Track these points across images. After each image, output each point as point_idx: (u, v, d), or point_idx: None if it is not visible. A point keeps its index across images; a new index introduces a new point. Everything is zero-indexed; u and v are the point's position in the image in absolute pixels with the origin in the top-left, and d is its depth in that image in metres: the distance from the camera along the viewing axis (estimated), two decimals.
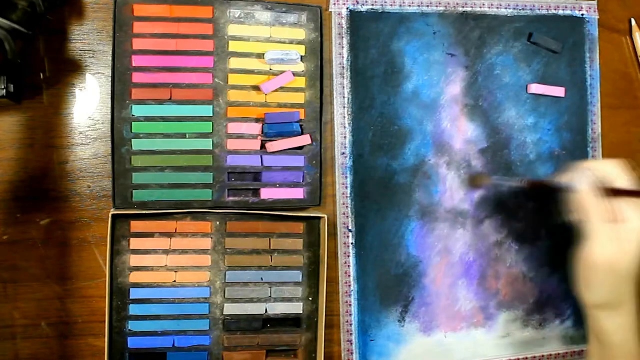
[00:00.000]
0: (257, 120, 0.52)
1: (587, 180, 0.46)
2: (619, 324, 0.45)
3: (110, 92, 0.49)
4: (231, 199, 0.51)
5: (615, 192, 0.45)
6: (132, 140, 0.50)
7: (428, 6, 0.56)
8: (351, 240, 0.54)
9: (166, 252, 0.51)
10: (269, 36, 0.52)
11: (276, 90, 0.52)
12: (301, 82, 0.53)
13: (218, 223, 0.51)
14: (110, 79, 0.49)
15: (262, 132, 0.52)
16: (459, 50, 0.57)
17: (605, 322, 0.46)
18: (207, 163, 0.51)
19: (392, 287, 0.55)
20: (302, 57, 0.53)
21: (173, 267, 0.51)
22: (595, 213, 0.45)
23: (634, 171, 0.62)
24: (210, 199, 0.51)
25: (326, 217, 0.51)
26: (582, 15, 0.60)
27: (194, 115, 0.51)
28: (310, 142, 0.52)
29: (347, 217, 0.54)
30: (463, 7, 0.57)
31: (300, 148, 0.52)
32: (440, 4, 0.56)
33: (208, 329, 0.51)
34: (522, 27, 0.58)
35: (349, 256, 0.54)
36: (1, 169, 0.49)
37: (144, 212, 0.49)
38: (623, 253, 0.44)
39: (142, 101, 0.50)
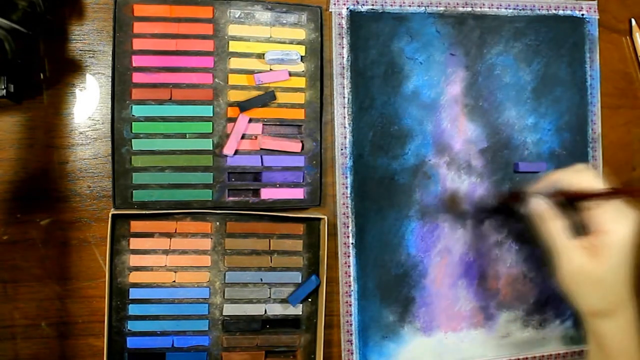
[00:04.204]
0: (257, 120, 0.52)
1: (542, 197, 0.44)
2: (616, 328, 0.44)
3: (110, 92, 0.49)
4: (231, 199, 0.51)
5: (578, 198, 0.42)
6: (132, 140, 0.50)
7: (428, 6, 0.56)
8: (351, 240, 0.54)
9: (166, 252, 0.51)
10: (269, 36, 0.52)
11: (276, 90, 0.52)
12: (301, 82, 0.53)
13: (218, 223, 0.51)
14: (110, 79, 0.49)
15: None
16: (459, 50, 0.57)
17: (601, 328, 0.44)
18: (207, 163, 0.51)
19: (392, 287, 0.55)
20: (302, 57, 0.53)
21: (172, 267, 0.51)
22: (554, 230, 0.43)
23: (634, 171, 0.62)
24: (210, 199, 0.51)
25: (326, 218, 0.51)
26: (582, 15, 0.60)
27: (194, 115, 0.51)
28: (300, 149, 0.52)
29: (347, 217, 0.54)
30: (463, 7, 0.57)
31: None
32: (440, 4, 0.56)
33: (207, 329, 0.51)
34: (522, 27, 0.58)
35: (349, 256, 0.54)
36: (1, 169, 0.49)
37: (143, 212, 0.49)
38: (599, 263, 0.41)
39: (142, 101, 0.50)
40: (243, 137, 0.51)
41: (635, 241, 0.41)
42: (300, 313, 0.53)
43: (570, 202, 0.44)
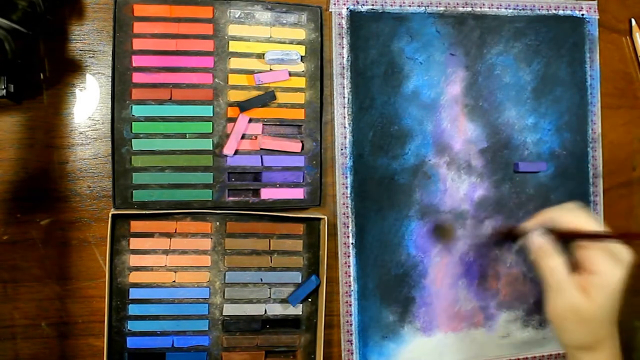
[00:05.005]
0: (257, 120, 0.52)
1: (541, 232, 0.43)
2: None
3: (110, 92, 0.49)
4: (231, 199, 0.51)
5: (571, 237, 0.42)
6: (132, 140, 0.50)
7: (428, 6, 0.56)
8: (351, 240, 0.54)
9: (166, 252, 0.51)
10: (269, 36, 0.52)
11: (276, 90, 0.52)
12: (301, 82, 0.53)
13: (218, 223, 0.51)
14: (110, 79, 0.49)
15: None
16: (459, 50, 0.57)
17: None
18: (207, 163, 0.51)
19: (392, 287, 0.55)
20: (302, 57, 0.53)
21: (172, 267, 0.51)
22: (552, 266, 0.43)
23: (634, 171, 0.62)
24: (210, 199, 0.51)
25: (326, 218, 0.51)
26: (582, 15, 0.60)
27: (194, 115, 0.51)
28: (300, 149, 0.52)
29: (347, 217, 0.54)
30: (463, 7, 0.57)
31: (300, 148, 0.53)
32: (440, 4, 0.56)
33: (207, 329, 0.51)
34: (522, 27, 0.58)
35: (349, 256, 0.54)
36: (1, 169, 0.49)
37: (143, 212, 0.49)
38: (590, 303, 0.41)
39: (142, 101, 0.50)
40: (243, 137, 0.51)
41: (626, 282, 0.41)
42: (300, 313, 0.53)
43: (562, 240, 0.44)
